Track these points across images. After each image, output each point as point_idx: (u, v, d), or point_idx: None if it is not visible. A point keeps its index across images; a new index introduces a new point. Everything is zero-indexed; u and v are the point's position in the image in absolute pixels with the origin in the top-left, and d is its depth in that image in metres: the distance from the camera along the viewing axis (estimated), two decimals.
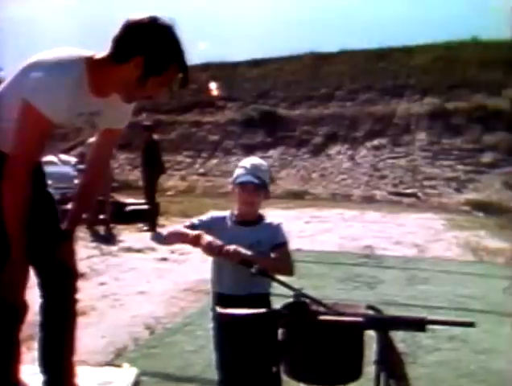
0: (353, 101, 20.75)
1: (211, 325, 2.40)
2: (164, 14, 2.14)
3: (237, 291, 2.29)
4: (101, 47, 2.18)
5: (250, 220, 2.39)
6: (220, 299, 2.33)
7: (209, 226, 2.35)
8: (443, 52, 20.80)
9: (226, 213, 2.45)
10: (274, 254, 2.29)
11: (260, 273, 2.12)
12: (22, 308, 2.24)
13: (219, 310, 2.16)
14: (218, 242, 2.19)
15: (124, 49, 2.08)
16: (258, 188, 2.35)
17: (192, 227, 2.36)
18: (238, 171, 2.39)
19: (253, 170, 2.36)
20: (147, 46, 2.07)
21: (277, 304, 2.17)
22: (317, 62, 22.56)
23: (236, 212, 2.42)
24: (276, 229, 2.38)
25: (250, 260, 2.15)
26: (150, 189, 9.83)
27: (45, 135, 2.14)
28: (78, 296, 2.54)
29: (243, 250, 2.20)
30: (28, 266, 2.21)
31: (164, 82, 2.17)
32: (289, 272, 2.28)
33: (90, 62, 2.15)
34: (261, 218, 2.42)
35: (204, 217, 2.44)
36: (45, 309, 2.46)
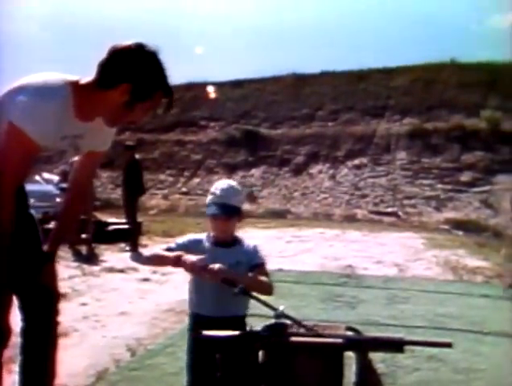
0: (334, 121, 21.01)
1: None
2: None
3: (218, 313, 2.31)
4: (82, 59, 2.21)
5: (227, 241, 2.43)
6: (200, 321, 2.35)
7: (187, 248, 2.37)
8: (422, 74, 21.20)
9: (203, 235, 2.47)
10: (254, 274, 2.32)
11: (243, 292, 2.15)
12: (6, 332, 2.23)
13: (201, 332, 2.18)
14: (202, 260, 2.22)
15: (110, 75, 2.12)
16: (228, 218, 2.38)
17: (169, 250, 2.38)
18: (209, 198, 2.41)
19: (223, 199, 2.36)
20: (134, 73, 2.11)
21: (257, 324, 2.21)
22: (299, 83, 22.83)
23: (212, 234, 2.46)
24: (254, 250, 2.42)
25: (233, 280, 2.19)
26: (131, 209, 9.79)
27: (31, 157, 2.16)
28: (59, 317, 2.54)
29: (226, 269, 2.22)
30: (11, 289, 2.21)
31: (150, 107, 2.22)
32: (269, 292, 2.32)
33: (75, 86, 2.18)
34: (237, 239, 2.46)
35: (181, 240, 2.47)
36: (26, 332, 2.43)
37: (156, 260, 2.43)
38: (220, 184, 2.43)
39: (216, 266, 2.19)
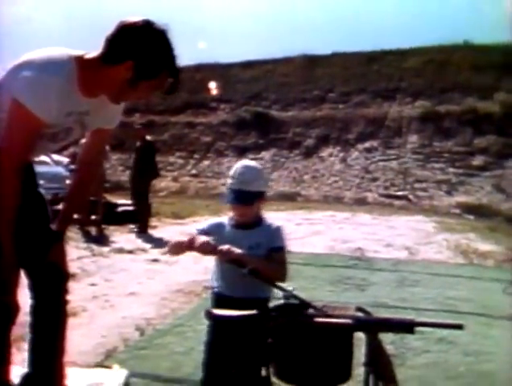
0: (345, 104, 20.82)
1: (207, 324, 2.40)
2: (159, 16, 2.15)
3: (239, 293, 2.28)
4: (94, 46, 2.18)
5: (249, 223, 2.37)
6: (222, 300, 2.33)
7: (208, 232, 2.32)
8: (435, 55, 20.92)
9: (225, 218, 2.43)
10: (270, 258, 2.27)
11: (251, 273, 2.12)
12: (14, 309, 2.23)
13: (211, 310, 2.16)
14: (211, 242, 2.17)
15: (116, 51, 2.08)
16: (243, 205, 2.32)
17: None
18: (228, 182, 2.34)
19: (240, 185, 2.30)
20: (140, 51, 2.07)
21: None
22: (310, 64, 22.61)
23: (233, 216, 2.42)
24: (275, 232, 2.35)
25: (243, 261, 2.16)
26: (144, 190, 9.76)
27: (35, 135, 2.13)
28: (69, 297, 2.54)
29: (237, 250, 2.18)
30: (19, 266, 2.20)
31: (154, 86, 2.18)
32: (281, 278, 2.24)
33: (80, 61, 2.15)
34: (260, 220, 2.39)
35: (201, 225, 2.42)
36: (35, 310, 2.45)
37: (175, 248, 2.37)
38: (239, 167, 2.33)
39: (225, 247, 2.16)
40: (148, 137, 10.18)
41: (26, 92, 2.05)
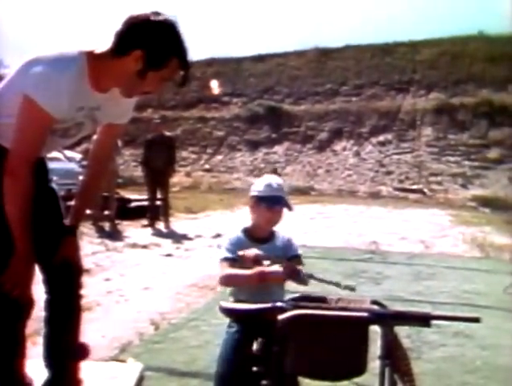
0: (359, 97, 20.71)
1: (226, 330, 2.39)
2: (166, 11, 2.14)
3: (258, 300, 2.28)
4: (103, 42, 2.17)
5: (265, 236, 2.40)
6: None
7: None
8: (449, 47, 20.72)
9: (238, 232, 2.41)
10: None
11: (309, 277, 2.17)
12: (29, 303, 2.24)
13: (223, 304, 2.15)
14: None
15: (124, 42, 2.07)
16: (287, 207, 2.37)
17: (230, 259, 2.29)
18: (265, 189, 2.37)
19: (279, 191, 2.36)
20: (147, 40, 2.06)
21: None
22: (322, 57, 22.51)
23: (249, 228, 2.41)
24: (289, 242, 2.42)
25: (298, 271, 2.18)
26: (165, 186, 9.85)
27: (46, 130, 2.12)
28: (83, 291, 2.54)
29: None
30: (34, 262, 2.20)
31: (164, 78, 2.16)
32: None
33: (91, 56, 2.14)
34: (273, 233, 2.43)
35: (228, 245, 2.36)
36: (50, 304, 2.45)
37: (234, 280, 2.31)
38: (270, 180, 2.40)
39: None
40: (167, 133, 10.25)
41: (36, 88, 2.04)
